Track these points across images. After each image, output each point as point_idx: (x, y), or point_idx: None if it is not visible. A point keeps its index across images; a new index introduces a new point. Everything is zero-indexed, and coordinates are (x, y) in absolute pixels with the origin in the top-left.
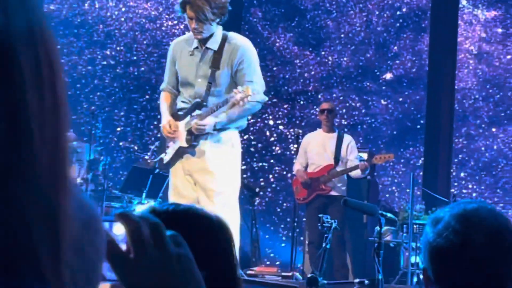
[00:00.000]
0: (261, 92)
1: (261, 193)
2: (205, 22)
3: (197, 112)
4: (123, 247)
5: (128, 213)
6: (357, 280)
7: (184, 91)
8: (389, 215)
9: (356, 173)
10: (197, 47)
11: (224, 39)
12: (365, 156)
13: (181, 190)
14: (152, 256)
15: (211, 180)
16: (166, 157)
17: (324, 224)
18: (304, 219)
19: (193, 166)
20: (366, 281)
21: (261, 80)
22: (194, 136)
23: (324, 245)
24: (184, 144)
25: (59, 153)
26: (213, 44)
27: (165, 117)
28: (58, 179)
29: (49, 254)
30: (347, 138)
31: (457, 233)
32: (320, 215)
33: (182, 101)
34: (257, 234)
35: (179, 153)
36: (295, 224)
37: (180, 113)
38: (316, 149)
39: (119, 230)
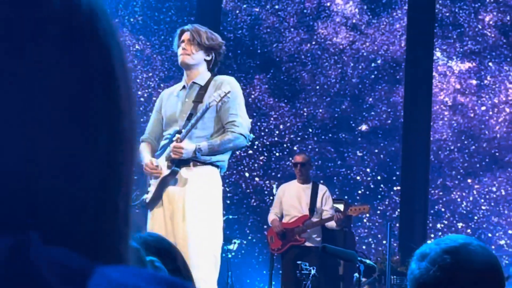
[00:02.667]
0: (245, 127)
1: (237, 245)
2: (195, 45)
3: (176, 135)
4: None
5: None
6: None
7: (168, 129)
8: (368, 261)
9: (331, 225)
10: (183, 87)
11: (211, 78)
12: (341, 207)
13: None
14: None
15: (192, 220)
16: (149, 195)
17: (302, 271)
18: (280, 272)
19: (175, 198)
20: None
21: (246, 116)
22: (173, 161)
23: None
24: (166, 172)
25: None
26: (200, 80)
27: (147, 157)
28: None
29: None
30: (322, 189)
31: (444, 269)
32: (299, 262)
33: (164, 139)
34: (233, 286)
35: (162, 187)
36: (272, 275)
37: (159, 152)
38: (291, 200)
39: None
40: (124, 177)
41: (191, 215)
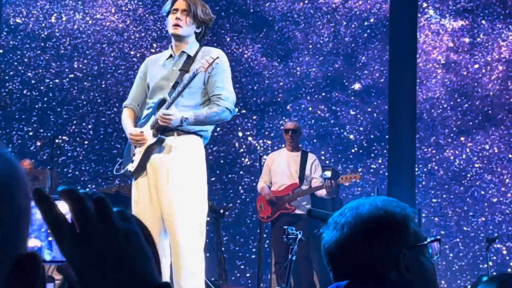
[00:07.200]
0: (231, 101)
1: (227, 213)
2: (191, 17)
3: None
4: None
5: (72, 189)
6: None
7: (153, 97)
8: None
9: (321, 193)
10: (170, 56)
11: (199, 49)
12: (328, 173)
13: (142, 210)
14: (98, 230)
15: (176, 188)
16: (134, 164)
17: (289, 236)
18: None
19: (159, 167)
20: None
21: (232, 90)
22: (159, 129)
23: (290, 256)
24: (151, 140)
25: None
26: (189, 50)
27: (130, 127)
28: None
29: None
30: (311, 157)
31: (338, 228)
32: (285, 227)
33: (147, 109)
34: (223, 257)
35: (147, 155)
36: (264, 237)
37: (143, 120)
38: (280, 168)
39: (63, 208)
40: None
41: (175, 184)
